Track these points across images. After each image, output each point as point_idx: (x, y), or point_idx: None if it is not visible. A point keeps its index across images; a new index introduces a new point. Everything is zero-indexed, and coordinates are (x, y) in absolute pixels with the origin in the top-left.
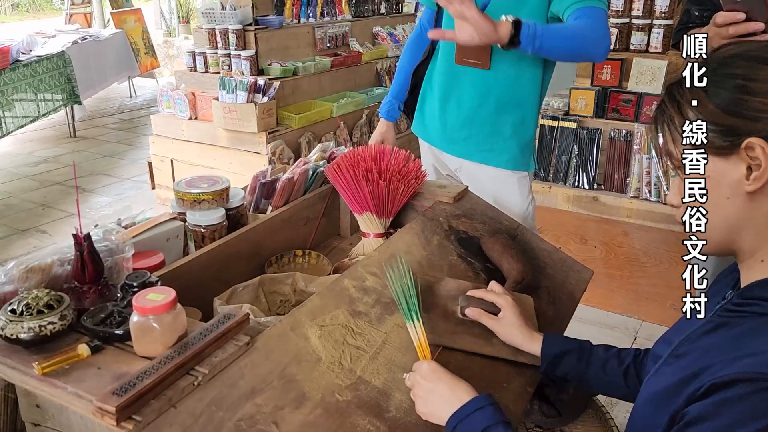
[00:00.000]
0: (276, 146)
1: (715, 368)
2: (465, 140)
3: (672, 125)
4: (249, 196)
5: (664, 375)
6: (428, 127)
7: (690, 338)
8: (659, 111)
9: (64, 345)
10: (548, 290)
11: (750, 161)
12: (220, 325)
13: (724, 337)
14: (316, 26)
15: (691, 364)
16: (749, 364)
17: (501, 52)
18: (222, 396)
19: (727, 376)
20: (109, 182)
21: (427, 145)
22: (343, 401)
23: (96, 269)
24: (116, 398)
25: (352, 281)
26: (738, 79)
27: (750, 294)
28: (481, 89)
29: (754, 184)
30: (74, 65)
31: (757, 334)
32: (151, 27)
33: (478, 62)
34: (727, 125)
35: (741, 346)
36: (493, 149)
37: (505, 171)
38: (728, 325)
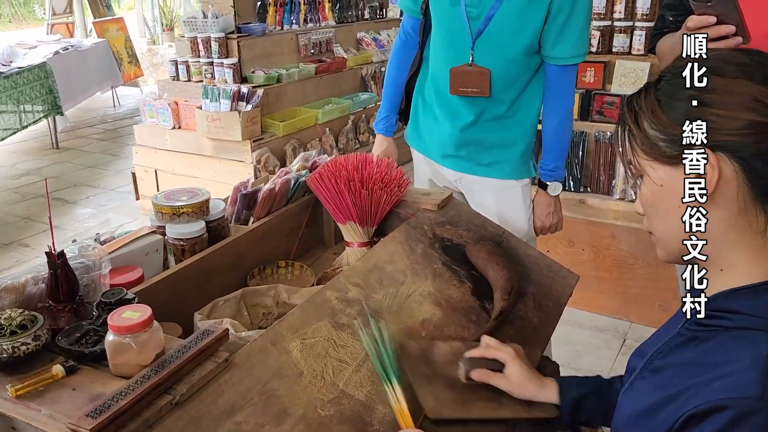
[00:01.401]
0: (261, 154)
1: (692, 391)
2: (464, 157)
3: (631, 135)
4: (230, 208)
5: (641, 391)
6: (425, 139)
7: (663, 351)
8: (620, 121)
9: (39, 366)
10: (534, 296)
11: None
12: (198, 341)
13: (696, 353)
14: (300, 33)
15: (668, 383)
16: (724, 387)
17: (499, 75)
18: (201, 415)
19: (703, 405)
20: (93, 193)
21: (422, 157)
22: (325, 416)
23: (70, 287)
24: (90, 420)
25: (334, 293)
26: (691, 90)
27: (716, 306)
28: (478, 108)
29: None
30: (56, 76)
31: (727, 348)
32: (134, 35)
33: (476, 90)
34: (678, 135)
35: (714, 363)
36: (494, 163)
37: (508, 181)
38: (698, 339)
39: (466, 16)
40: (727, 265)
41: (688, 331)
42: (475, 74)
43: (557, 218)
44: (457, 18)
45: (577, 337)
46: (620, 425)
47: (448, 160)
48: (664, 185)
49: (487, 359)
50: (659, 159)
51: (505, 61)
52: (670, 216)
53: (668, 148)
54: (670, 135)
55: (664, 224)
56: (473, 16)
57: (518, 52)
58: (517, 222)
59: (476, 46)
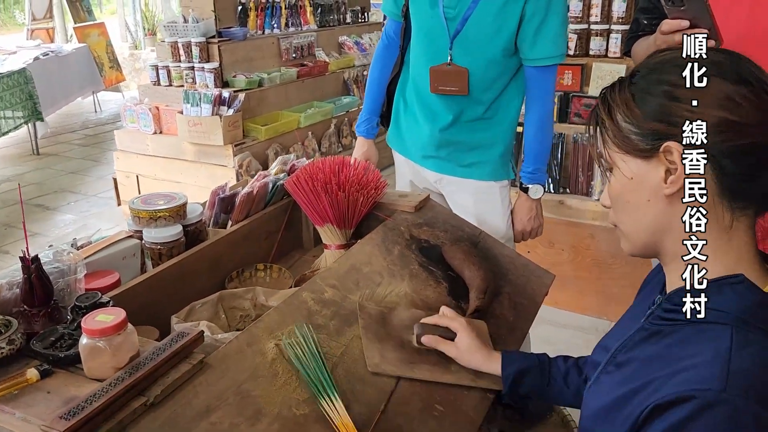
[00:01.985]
0: (243, 159)
1: (657, 384)
2: (444, 158)
3: (603, 128)
4: (208, 212)
5: (606, 385)
6: (405, 141)
7: (627, 346)
8: (593, 114)
9: (14, 370)
10: (509, 295)
11: (668, 164)
12: (173, 343)
13: (660, 347)
14: (281, 37)
15: (633, 377)
16: (687, 379)
17: (478, 75)
18: (176, 416)
19: (667, 396)
20: (74, 199)
21: (403, 158)
22: (300, 415)
23: (45, 292)
24: (63, 423)
25: (310, 294)
26: (666, 85)
27: (678, 300)
28: (457, 108)
29: (671, 188)
30: (36, 81)
31: (690, 342)
32: (116, 40)
33: (455, 89)
34: (651, 129)
35: (677, 357)
36: (473, 164)
37: (487, 182)
38: (661, 333)
39: (444, 17)
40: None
41: (652, 325)
42: (453, 73)
43: (538, 223)
44: (435, 19)
45: (558, 337)
46: (588, 420)
47: (428, 161)
48: (635, 178)
49: (442, 328)
50: (631, 152)
51: (482, 61)
52: (639, 210)
53: (640, 142)
54: (643, 129)
55: (632, 217)
56: (451, 17)
57: (495, 53)
58: (495, 223)
59: (454, 46)
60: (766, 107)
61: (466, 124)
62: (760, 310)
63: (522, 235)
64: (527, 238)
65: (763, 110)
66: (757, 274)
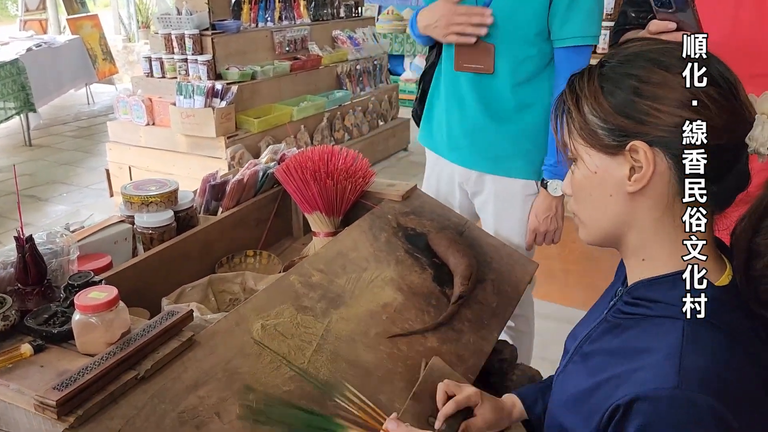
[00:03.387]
0: (235, 151)
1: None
2: (469, 147)
3: (569, 117)
4: (199, 198)
5: (572, 375)
6: (434, 134)
7: (591, 337)
8: (560, 101)
9: (8, 345)
10: (493, 282)
11: (633, 163)
12: (163, 321)
13: (621, 340)
14: (275, 30)
15: (597, 369)
16: (643, 378)
17: (506, 53)
18: (165, 389)
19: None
20: (67, 191)
21: (434, 157)
22: (286, 391)
23: (39, 271)
24: (57, 392)
25: (298, 277)
26: (633, 80)
27: (637, 294)
28: (484, 94)
29: (634, 186)
30: (29, 73)
31: (646, 337)
32: (110, 33)
33: (480, 66)
34: (617, 125)
35: (635, 352)
36: (499, 157)
37: (510, 179)
38: (621, 327)
39: None
40: (649, 255)
41: (613, 317)
42: (479, 49)
43: (555, 225)
44: None
45: (546, 329)
46: (555, 409)
47: (453, 152)
48: (598, 173)
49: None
50: (596, 146)
51: (511, 38)
52: (600, 203)
53: (606, 137)
54: (610, 124)
55: (593, 210)
56: None
57: (525, 31)
58: (510, 225)
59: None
60: (732, 110)
61: (493, 111)
62: (711, 304)
63: (535, 235)
64: (540, 241)
65: (729, 112)
66: (713, 268)
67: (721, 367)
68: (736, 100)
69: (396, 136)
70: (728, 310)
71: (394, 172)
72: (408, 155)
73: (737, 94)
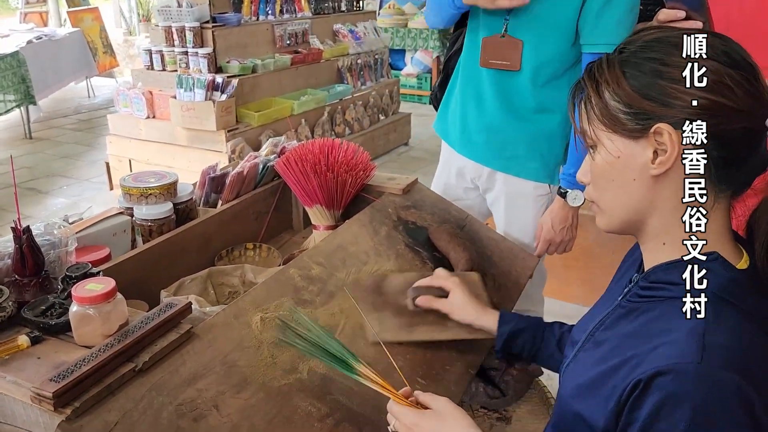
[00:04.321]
0: (236, 144)
1: (637, 360)
2: (484, 144)
3: (589, 104)
4: (199, 191)
5: (585, 364)
6: (449, 125)
7: (605, 324)
8: (578, 88)
9: (5, 337)
10: (494, 277)
11: (657, 146)
12: (161, 313)
13: (638, 324)
14: (276, 24)
15: (611, 354)
16: (666, 353)
17: (531, 52)
18: (163, 382)
19: (650, 370)
20: (67, 184)
21: (448, 150)
22: (285, 385)
23: (36, 262)
24: (53, 384)
25: (297, 270)
26: (655, 63)
27: (655, 278)
28: (504, 91)
29: (658, 169)
30: (29, 65)
31: (668, 317)
32: (110, 26)
33: (506, 63)
34: (640, 108)
35: (656, 332)
36: (514, 157)
37: (524, 181)
38: (639, 310)
39: None
40: (669, 239)
41: (629, 303)
42: (507, 45)
43: (570, 235)
44: None
45: None
46: (567, 397)
47: (467, 147)
48: (621, 157)
49: (436, 288)
50: (618, 131)
51: (539, 36)
52: (623, 189)
53: (629, 122)
54: (632, 108)
55: (615, 196)
56: None
57: (553, 30)
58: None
59: (511, 16)
60: (756, 92)
61: (513, 109)
62: (732, 286)
63: (549, 245)
64: (553, 251)
65: (753, 96)
66: (731, 252)
67: (745, 346)
68: (758, 83)
69: (397, 131)
70: (749, 293)
71: (395, 166)
72: (408, 150)
73: (759, 78)
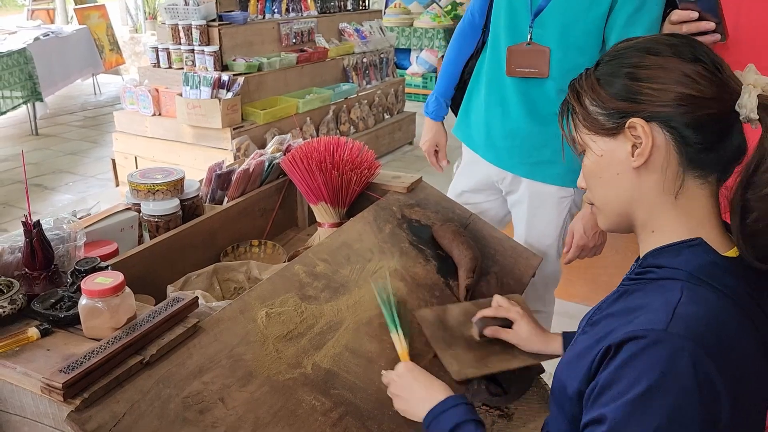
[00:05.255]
0: (241, 142)
1: (615, 332)
2: (508, 150)
3: (574, 114)
4: (205, 188)
5: (580, 343)
6: (472, 130)
7: (601, 308)
8: (564, 102)
9: (15, 329)
10: (497, 275)
11: (634, 139)
12: (168, 307)
13: (624, 303)
14: (281, 22)
15: (599, 331)
16: (638, 323)
17: (558, 59)
18: (170, 374)
19: (620, 336)
20: (73, 180)
21: (469, 153)
22: (289, 379)
23: (46, 256)
24: (63, 375)
25: (302, 267)
26: (626, 67)
27: (646, 263)
28: (529, 98)
29: (638, 160)
30: (36, 62)
31: (648, 296)
32: (117, 23)
33: (534, 70)
34: (616, 108)
35: (634, 309)
36: (539, 163)
37: (548, 186)
38: (628, 292)
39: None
40: (657, 227)
41: (621, 287)
42: (533, 53)
43: (602, 240)
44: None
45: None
46: (557, 371)
47: (490, 152)
48: (604, 155)
49: (500, 319)
50: (599, 132)
51: (564, 43)
52: (610, 184)
53: (606, 121)
54: (609, 109)
55: (605, 192)
56: None
57: (579, 37)
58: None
59: (535, 24)
60: (719, 82)
61: (538, 115)
62: (712, 268)
63: (582, 250)
64: (585, 255)
65: (717, 85)
66: (718, 240)
67: (713, 319)
68: (722, 74)
69: (401, 130)
70: (732, 278)
71: (399, 165)
72: (413, 149)
73: (722, 69)
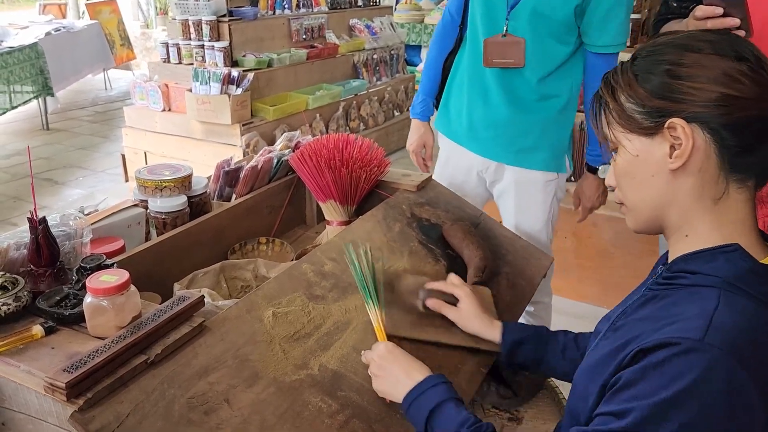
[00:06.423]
0: (250, 138)
1: (643, 336)
2: (492, 139)
3: (607, 109)
4: (213, 185)
5: (602, 348)
6: (452, 121)
7: (626, 312)
8: (596, 97)
9: (19, 326)
10: (508, 276)
11: (672, 141)
12: (174, 306)
13: (653, 308)
14: (292, 18)
15: (624, 335)
16: (672, 330)
17: (534, 48)
18: (175, 374)
19: (652, 341)
20: (83, 175)
21: (449, 144)
22: (296, 380)
23: (51, 253)
24: (66, 375)
25: (310, 266)
26: (664, 64)
27: (676, 267)
28: (509, 87)
29: (676, 162)
30: (47, 56)
31: (681, 302)
32: (128, 19)
33: (510, 61)
34: (655, 107)
35: (667, 315)
36: (522, 150)
37: (534, 172)
38: (657, 297)
39: None
40: (691, 231)
41: (649, 291)
42: (509, 44)
43: (604, 198)
44: None
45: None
46: (577, 376)
47: (473, 142)
48: (640, 155)
49: (447, 294)
50: (635, 131)
51: (539, 34)
52: (644, 185)
53: (644, 120)
54: (647, 107)
55: (638, 193)
56: None
57: (553, 27)
58: (531, 220)
59: (511, 17)
60: (763, 82)
61: (520, 103)
62: (749, 276)
63: (589, 211)
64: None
65: (760, 85)
66: (755, 247)
67: (753, 330)
68: (766, 73)
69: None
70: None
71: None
72: None
73: (766, 68)
